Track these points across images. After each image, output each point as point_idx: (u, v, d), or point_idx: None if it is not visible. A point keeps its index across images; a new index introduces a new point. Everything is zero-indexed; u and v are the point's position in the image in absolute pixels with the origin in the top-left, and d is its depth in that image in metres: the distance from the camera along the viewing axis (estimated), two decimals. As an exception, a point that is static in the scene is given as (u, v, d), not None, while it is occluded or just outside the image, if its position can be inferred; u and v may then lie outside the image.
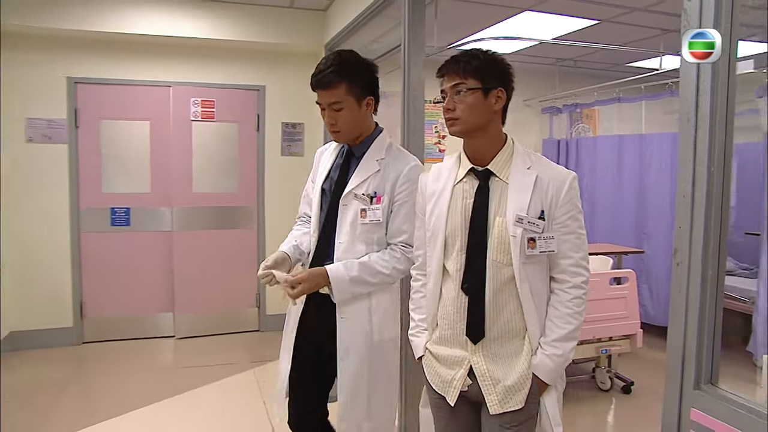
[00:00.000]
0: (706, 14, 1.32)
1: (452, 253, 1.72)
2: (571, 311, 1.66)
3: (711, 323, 1.35)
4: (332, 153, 2.22)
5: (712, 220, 1.33)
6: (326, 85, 1.96)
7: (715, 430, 1.32)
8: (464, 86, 1.64)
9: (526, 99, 6.12)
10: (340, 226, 2.06)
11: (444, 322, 1.76)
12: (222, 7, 4.66)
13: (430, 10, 3.41)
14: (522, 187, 1.64)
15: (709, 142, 1.31)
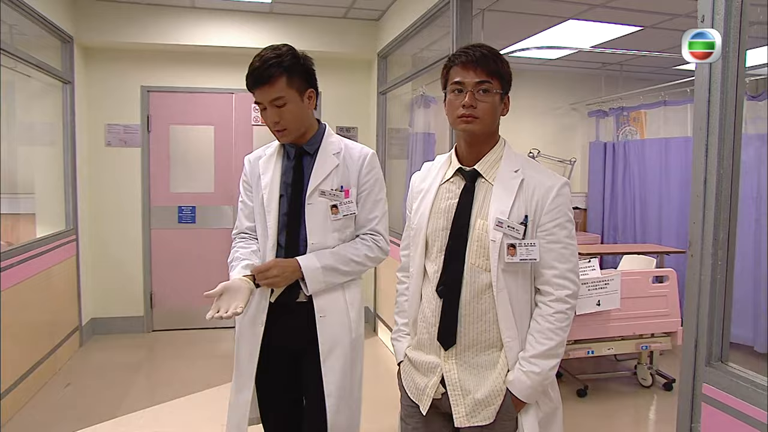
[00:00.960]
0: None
1: (432, 254, 1.65)
2: (553, 326, 1.55)
3: (720, 309, 1.53)
4: (272, 158, 2.04)
5: (722, 216, 1.50)
6: (266, 79, 1.81)
7: (725, 402, 1.50)
8: (491, 86, 1.55)
9: (573, 103, 6.22)
10: (309, 227, 1.94)
11: (422, 326, 1.68)
12: (281, 19, 4.98)
13: (477, 20, 3.60)
14: (506, 190, 1.57)
15: (719, 148, 1.49)
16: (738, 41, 1.47)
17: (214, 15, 4.88)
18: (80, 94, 4.80)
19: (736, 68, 1.48)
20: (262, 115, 1.91)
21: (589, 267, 3.53)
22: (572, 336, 3.61)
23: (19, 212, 4.75)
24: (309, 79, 1.93)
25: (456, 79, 1.56)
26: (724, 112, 1.49)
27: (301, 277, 1.91)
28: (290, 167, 2.01)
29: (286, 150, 2.04)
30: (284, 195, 1.98)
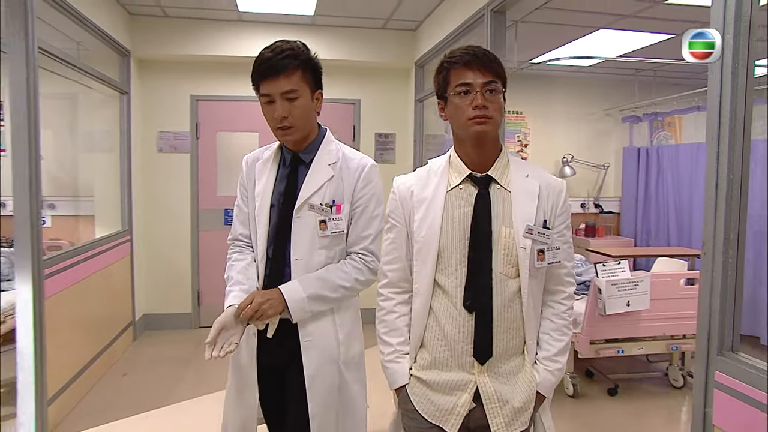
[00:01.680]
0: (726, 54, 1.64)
1: (448, 267, 1.58)
2: (566, 322, 1.64)
3: (731, 303, 1.67)
4: (269, 162, 1.93)
5: (732, 218, 1.64)
6: (282, 69, 1.72)
7: (735, 388, 1.63)
8: (497, 86, 1.53)
9: (607, 108, 6.30)
10: (295, 242, 1.83)
11: (439, 344, 1.60)
12: (323, 30, 5.22)
13: (510, 31, 3.76)
14: (526, 195, 1.58)
15: (728, 156, 1.63)
16: (747, 56, 1.62)
17: (259, 27, 5.14)
18: (135, 104, 5.12)
19: (745, 81, 1.62)
20: (265, 110, 1.80)
21: (619, 268, 3.64)
22: (603, 335, 3.73)
23: (80, 214, 5.10)
24: (319, 80, 1.86)
25: (462, 81, 1.53)
26: (734, 123, 1.63)
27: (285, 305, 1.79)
28: (284, 175, 1.89)
29: (283, 155, 1.92)
30: (275, 205, 1.87)
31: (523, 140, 6.21)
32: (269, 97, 1.76)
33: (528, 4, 3.45)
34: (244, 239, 1.97)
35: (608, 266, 3.63)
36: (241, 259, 1.93)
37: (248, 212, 1.94)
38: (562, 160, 6.08)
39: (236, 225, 2.00)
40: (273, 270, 1.87)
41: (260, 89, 1.78)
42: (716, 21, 1.68)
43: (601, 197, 6.30)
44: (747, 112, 1.63)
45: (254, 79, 1.79)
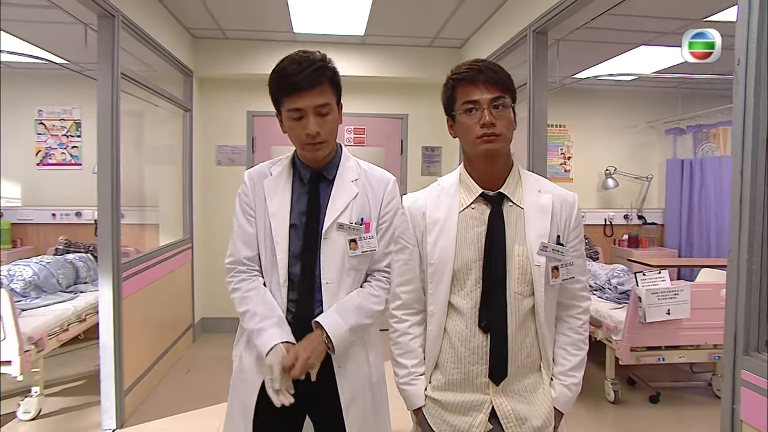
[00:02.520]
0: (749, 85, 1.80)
1: (463, 288, 1.56)
2: (582, 336, 1.62)
3: (756, 306, 1.82)
4: (281, 179, 1.80)
5: (755, 229, 1.80)
6: (315, 82, 1.62)
7: (760, 385, 1.78)
8: (506, 101, 1.51)
9: (650, 121, 6.36)
10: (324, 265, 1.73)
11: (452, 366, 1.58)
12: (372, 49, 5.49)
13: (552, 50, 3.93)
14: (540, 212, 1.55)
15: (752, 172, 1.79)
16: (768, 78, 1.77)
17: (312, 46, 5.31)
18: (196, 120, 5.48)
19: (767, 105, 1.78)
20: (291, 126, 1.68)
21: (659, 278, 3.75)
22: (643, 342, 3.83)
23: (146, 222, 5.47)
24: (341, 92, 1.75)
25: (468, 98, 1.50)
26: (756, 140, 1.79)
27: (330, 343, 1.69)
28: (304, 194, 1.78)
29: (298, 171, 1.80)
30: (297, 225, 1.75)
31: (566, 153, 6.33)
32: (300, 112, 1.64)
33: (569, 25, 3.61)
34: (248, 263, 1.80)
35: (648, 275, 3.74)
36: (253, 288, 1.77)
37: (254, 233, 1.79)
38: (605, 171, 6.17)
39: (238, 246, 1.80)
40: (302, 294, 1.75)
41: (286, 104, 1.65)
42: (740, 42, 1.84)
43: (644, 209, 6.35)
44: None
45: (280, 93, 1.66)
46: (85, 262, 4.91)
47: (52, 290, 4.34)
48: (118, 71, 3.36)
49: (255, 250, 1.80)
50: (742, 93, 1.82)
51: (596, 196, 6.36)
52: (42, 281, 4.27)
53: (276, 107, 1.73)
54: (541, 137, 3.69)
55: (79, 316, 4.14)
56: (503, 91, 1.51)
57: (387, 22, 4.71)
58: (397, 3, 4.21)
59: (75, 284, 4.68)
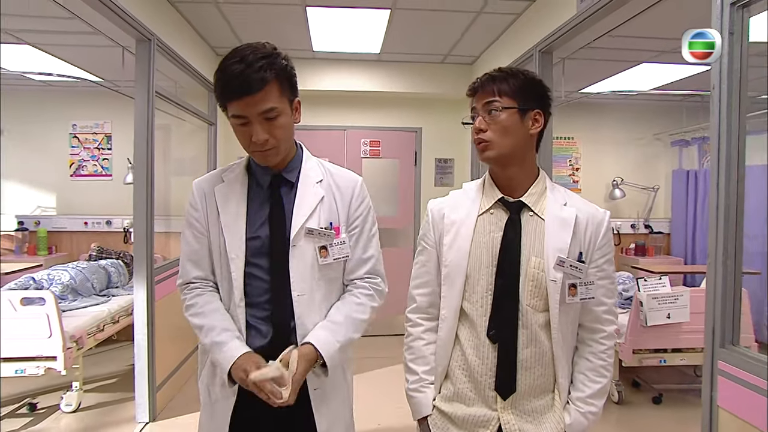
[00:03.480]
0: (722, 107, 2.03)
1: (474, 294, 1.51)
2: (605, 363, 1.54)
3: (731, 304, 2.03)
4: (235, 186, 1.62)
5: (729, 235, 2.02)
6: (256, 86, 1.42)
7: (734, 374, 1.99)
8: (498, 104, 1.45)
9: (656, 133, 6.55)
10: (295, 275, 1.56)
11: (461, 375, 1.53)
12: (387, 66, 5.75)
13: (557, 68, 4.16)
14: (561, 225, 1.49)
15: (725, 187, 2.01)
16: (739, 107, 2.00)
17: (330, 63, 5.71)
18: (220, 133, 5.76)
19: (738, 126, 2.01)
20: (238, 132, 1.50)
21: (660, 284, 3.95)
22: (645, 345, 4.03)
23: (171, 231, 5.75)
24: (295, 86, 1.56)
25: (471, 106, 1.53)
26: (729, 157, 2.01)
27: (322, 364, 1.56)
28: (264, 201, 1.60)
29: (255, 176, 1.63)
30: (260, 236, 1.57)
31: (574, 164, 6.54)
32: (244, 119, 1.45)
33: (572, 45, 3.84)
34: (203, 281, 1.64)
35: (649, 281, 3.94)
36: (209, 302, 1.60)
37: (205, 251, 1.62)
38: (612, 182, 6.37)
39: (187, 268, 1.64)
40: (277, 309, 1.58)
41: (229, 109, 1.46)
42: (714, 70, 2.07)
43: (651, 218, 6.53)
44: (740, 148, 2.01)
45: (221, 98, 1.47)
46: (117, 268, 5.20)
47: (87, 294, 4.62)
48: (153, 90, 3.64)
49: (206, 270, 1.63)
50: (717, 113, 2.05)
51: (604, 206, 6.41)
52: (78, 285, 4.56)
53: (221, 109, 1.52)
54: (546, 150, 3.91)
55: (113, 318, 4.43)
56: (501, 95, 1.46)
57: (401, 40, 4.97)
58: (411, 23, 4.47)
59: (107, 288, 4.97)
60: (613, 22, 3.45)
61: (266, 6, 4.11)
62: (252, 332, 1.59)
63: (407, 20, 4.43)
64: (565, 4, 3.42)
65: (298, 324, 1.58)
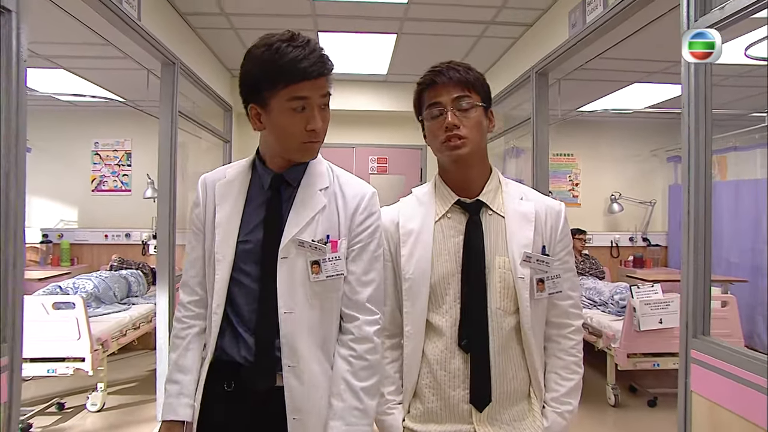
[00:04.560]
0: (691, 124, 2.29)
1: (442, 304, 1.42)
2: (576, 358, 1.49)
3: (701, 298, 2.27)
4: (234, 184, 1.49)
5: (699, 237, 2.26)
6: (324, 69, 1.34)
7: (705, 361, 2.21)
8: (470, 100, 1.39)
9: (653, 149, 6.80)
10: (282, 291, 1.38)
11: (430, 392, 1.43)
12: (394, 86, 6.06)
13: (554, 88, 4.43)
14: (522, 220, 1.43)
15: (695, 200, 2.26)
16: (705, 124, 2.26)
17: (340, 84, 5.88)
18: (234, 150, 6.05)
19: (704, 142, 2.26)
20: (285, 120, 1.35)
21: (652, 290, 4.17)
22: (639, 349, 4.24)
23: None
24: None
25: (431, 101, 1.41)
26: (698, 174, 2.26)
27: None
28: (263, 201, 1.45)
29: (257, 175, 1.48)
30: (249, 240, 1.42)
31: (574, 180, 6.79)
32: (305, 101, 1.34)
33: (567, 66, 4.11)
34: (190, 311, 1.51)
35: (642, 288, 4.17)
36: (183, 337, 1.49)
37: (199, 249, 1.48)
38: (611, 197, 6.60)
39: (187, 268, 1.51)
40: (262, 322, 1.40)
41: (286, 92, 1.33)
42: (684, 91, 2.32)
43: (648, 231, 6.75)
44: (707, 162, 2.27)
45: (278, 78, 1.32)
46: (136, 278, 5.47)
47: (110, 301, 4.89)
48: (176, 110, 3.93)
49: (200, 271, 1.49)
50: (686, 130, 2.31)
51: (603, 219, 6.79)
52: (101, 293, 4.83)
53: (256, 97, 1.37)
54: (543, 166, 4.16)
55: (134, 324, 4.68)
56: (467, 89, 1.39)
57: (407, 62, 5.26)
58: (416, 46, 4.77)
59: (128, 297, 5.24)
60: (602, 46, 3.73)
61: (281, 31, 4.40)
62: (235, 340, 1.42)
63: (412, 44, 4.72)
64: (558, 30, 3.70)
65: (283, 343, 1.38)
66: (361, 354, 1.42)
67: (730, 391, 2.05)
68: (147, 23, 3.34)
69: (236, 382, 1.42)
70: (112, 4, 2.84)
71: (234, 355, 1.42)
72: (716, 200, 6.14)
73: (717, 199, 6.14)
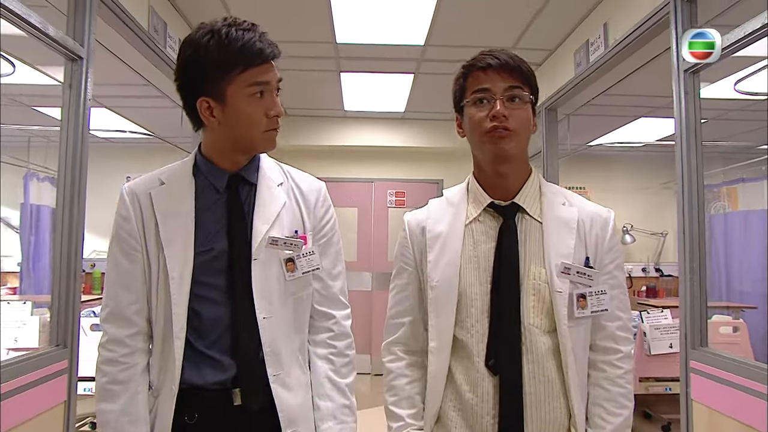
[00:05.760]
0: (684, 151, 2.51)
1: (469, 318, 1.27)
2: (625, 390, 1.29)
3: (698, 312, 2.45)
4: (180, 188, 1.33)
5: (694, 256, 2.45)
6: (277, 52, 1.28)
7: (704, 370, 2.38)
8: (525, 94, 1.27)
9: (663, 182, 6.96)
10: (258, 294, 1.28)
11: (457, 417, 1.28)
12: (410, 123, 6.35)
13: (563, 124, 4.67)
14: (562, 227, 1.28)
15: (690, 225, 2.46)
16: (696, 156, 2.47)
17: (360, 121, 6.33)
18: (259, 184, 6.34)
19: (696, 174, 2.47)
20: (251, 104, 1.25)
21: (662, 316, 4.32)
22: (651, 373, 4.36)
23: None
24: None
25: (478, 86, 1.27)
26: (692, 203, 2.47)
27: None
28: (219, 205, 1.32)
29: (206, 178, 1.33)
30: (213, 249, 1.29)
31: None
32: (266, 86, 1.26)
33: (575, 102, 4.37)
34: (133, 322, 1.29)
35: (652, 313, 4.31)
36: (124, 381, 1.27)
37: (134, 271, 1.29)
38: (623, 228, 6.77)
39: (117, 294, 1.29)
40: (243, 337, 1.28)
41: (247, 76, 1.24)
42: (677, 123, 2.55)
43: (661, 262, 6.89)
44: (699, 190, 2.47)
45: (238, 61, 1.22)
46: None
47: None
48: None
49: (139, 296, 1.29)
50: (680, 157, 2.53)
51: (616, 250, 6.94)
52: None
53: (207, 88, 1.25)
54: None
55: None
56: (521, 81, 1.27)
57: (423, 100, 5.55)
58: (432, 85, 5.06)
59: (157, 324, 5.46)
60: (607, 83, 3.99)
61: (306, 72, 4.74)
62: (201, 366, 1.26)
63: (429, 83, 5.01)
64: (564, 68, 3.97)
65: (267, 353, 1.28)
66: (342, 350, 1.40)
67: (727, 397, 2.21)
68: (186, 66, 3.66)
69: (210, 412, 1.26)
70: (158, 48, 3.16)
71: (205, 378, 1.26)
72: (729, 230, 6.29)
73: (729, 228, 6.28)
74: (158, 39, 3.13)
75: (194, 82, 1.26)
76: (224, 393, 1.27)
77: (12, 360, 2.06)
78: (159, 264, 1.28)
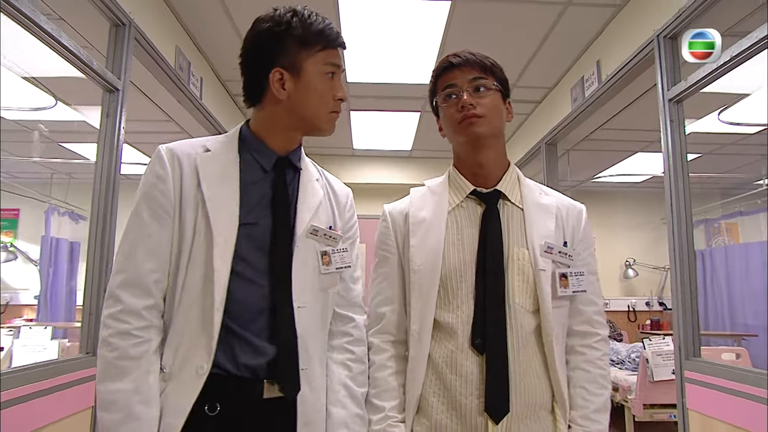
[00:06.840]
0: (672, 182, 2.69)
1: (454, 300, 1.29)
2: (603, 371, 1.34)
3: (690, 325, 2.59)
4: (225, 158, 1.26)
5: (685, 278, 2.60)
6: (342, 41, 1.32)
7: (697, 379, 2.50)
8: (487, 82, 1.33)
9: (663, 218, 7.14)
10: (297, 281, 1.23)
11: (438, 401, 1.27)
12: (417, 162, 6.62)
13: (563, 159, 4.89)
14: (543, 212, 1.35)
15: (679, 258, 2.63)
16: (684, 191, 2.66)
17: (368, 160, 6.58)
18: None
19: (684, 209, 2.65)
20: (321, 85, 1.26)
21: (664, 343, 4.42)
22: (655, 400, 4.42)
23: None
24: None
25: (446, 84, 1.35)
26: (681, 242, 2.64)
27: None
28: (265, 182, 1.27)
29: (251, 155, 1.28)
30: (257, 224, 1.22)
31: (589, 247, 7.13)
32: (337, 69, 1.29)
33: (573, 137, 4.60)
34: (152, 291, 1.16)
35: (654, 340, 4.41)
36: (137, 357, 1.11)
37: (162, 236, 1.17)
38: (625, 263, 6.91)
39: (140, 262, 1.15)
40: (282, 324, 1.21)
41: (322, 56, 1.26)
42: (665, 157, 2.74)
43: (664, 296, 6.99)
44: (688, 220, 2.65)
45: (318, 41, 1.25)
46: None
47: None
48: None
49: (162, 266, 1.17)
50: (668, 184, 2.71)
51: (619, 285, 7.06)
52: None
53: (284, 60, 1.24)
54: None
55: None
56: (485, 72, 1.34)
57: (429, 140, 5.80)
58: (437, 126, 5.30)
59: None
60: (602, 118, 4.22)
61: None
62: (240, 347, 1.17)
63: (434, 121, 5.24)
64: (561, 104, 4.21)
65: (299, 344, 1.22)
66: (360, 357, 1.35)
67: (720, 402, 2.34)
68: (207, 102, 3.92)
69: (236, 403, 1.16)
70: (182, 85, 3.41)
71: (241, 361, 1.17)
72: (730, 263, 6.41)
73: (731, 261, 6.40)
74: (183, 76, 3.39)
75: (270, 53, 1.25)
76: (253, 384, 1.17)
77: (43, 363, 2.20)
78: (197, 231, 1.17)
